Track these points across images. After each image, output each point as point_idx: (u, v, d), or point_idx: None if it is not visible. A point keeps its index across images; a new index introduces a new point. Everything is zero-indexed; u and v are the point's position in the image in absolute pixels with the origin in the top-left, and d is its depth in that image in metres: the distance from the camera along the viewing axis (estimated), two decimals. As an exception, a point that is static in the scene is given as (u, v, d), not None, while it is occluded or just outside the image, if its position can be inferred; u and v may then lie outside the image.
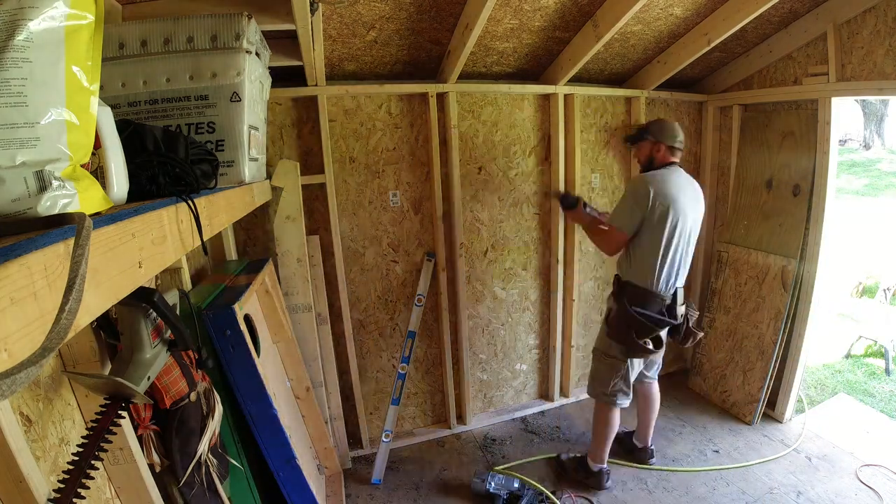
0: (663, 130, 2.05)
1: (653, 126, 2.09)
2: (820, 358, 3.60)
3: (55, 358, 0.92)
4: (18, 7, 0.47)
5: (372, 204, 2.40)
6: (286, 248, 2.13)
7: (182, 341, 1.03)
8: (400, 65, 2.27)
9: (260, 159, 1.52)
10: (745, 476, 2.28)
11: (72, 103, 0.54)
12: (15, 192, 0.49)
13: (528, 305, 2.86)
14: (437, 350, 2.70)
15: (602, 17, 2.02)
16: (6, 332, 0.35)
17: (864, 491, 2.12)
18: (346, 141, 2.29)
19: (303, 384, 2.06)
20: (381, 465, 2.38)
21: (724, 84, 2.92)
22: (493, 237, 2.67)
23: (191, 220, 0.83)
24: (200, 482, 1.19)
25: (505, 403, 2.96)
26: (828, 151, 2.38)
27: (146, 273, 0.63)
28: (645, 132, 2.10)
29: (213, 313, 1.42)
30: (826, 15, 2.28)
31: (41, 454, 0.82)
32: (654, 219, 1.93)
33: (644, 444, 2.43)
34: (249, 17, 1.23)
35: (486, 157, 2.56)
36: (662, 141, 2.04)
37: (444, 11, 1.88)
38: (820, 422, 2.67)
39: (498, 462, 2.48)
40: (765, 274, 2.67)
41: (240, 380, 1.46)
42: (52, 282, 0.42)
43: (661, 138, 2.05)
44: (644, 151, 2.12)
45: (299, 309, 2.18)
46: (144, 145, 0.87)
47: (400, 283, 2.54)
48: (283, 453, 1.54)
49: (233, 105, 1.24)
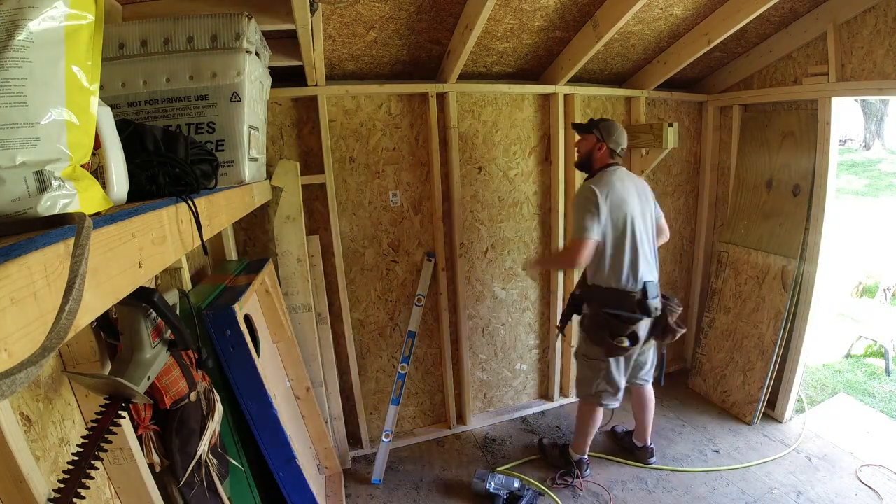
0: (610, 133, 2.08)
1: (602, 124, 2.10)
2: (820, 358, 3.59)
3: (55, 358, 0.92)
4: (18, 7, 0.47)
5: (372, 204, 2.40)
6: (286, 248, 2.13)
7: (182, 341, 1.03)
8: (400, 65, 2.27)
9: (260, 159, 1.52)
10: (745, 476, 2.28)
11: (72, 103, 0.54)
12: (15, 192, 0.49)
13: (528, 305, 2.86)
14: (437, 350, 2.70)
15: (602, 17, 2.02)
16: (6, 332, 0.35)
17: (864, 491, 2.12)
18: (346, 141, 2.29)
19: (303, 384, 2.06)
20: (381, 465, 2.38)
21: (724, 84, 2.92)
22: (493, 237, 2.67)
23: (191, 220, 0.83)
24: (200, 482, 1.19)
25: (505, 403, 2.96)
26: (828, 151, 2.38)
27: (146, 273, 0.63)
28: (593, 126, 2.11)
29: (213, 313, 1.42)
30: (826, 15, 2.28)
31: (41, 454, 0.82)
32: (608, 222, 2.00)
33: (644, 443, 2.43)
34: (249, 17, 1.23)
35: (486, 157, 2.56)
36: (606, 142, 2.08)
37: (444, 11, 1.88)
38: (820, 422, 2.67)
39: (498, 462, 2.48)
40: (765, 274, 2.67)
41: (240, 380, 1.46)
42: (52, 282, 0.42)
43: (607, 140, 2.08)
44: (587, 145, 2.13)
45: (299, 309, 2.18)
46: (144, 145, 0.86)
47: (400, 283, 2.54)
48: (283, 453, 1.54)
49: (233, 105, 1.24)
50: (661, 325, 2.11)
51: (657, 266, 2.15)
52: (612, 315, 2.03)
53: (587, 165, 2.15)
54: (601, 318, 2.05)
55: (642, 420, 2.40)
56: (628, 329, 2.01)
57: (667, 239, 2.31)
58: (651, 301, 2.03)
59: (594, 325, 2.10)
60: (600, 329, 2.06)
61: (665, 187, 3.06)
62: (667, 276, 3.22)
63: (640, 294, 2.03)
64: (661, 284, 2.94)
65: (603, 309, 2.05)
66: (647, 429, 2.41)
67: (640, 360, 2.24)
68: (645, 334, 2.09)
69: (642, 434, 2.43)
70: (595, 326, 2.09)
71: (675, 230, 3.18)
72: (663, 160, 2.88)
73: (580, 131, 2.18)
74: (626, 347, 2.01)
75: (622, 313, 2.02)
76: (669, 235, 2.33)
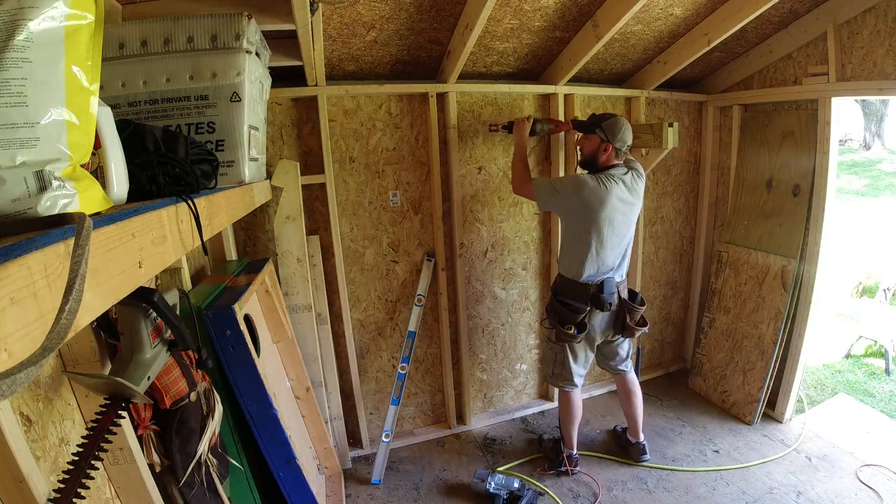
0: (615, 133, 2.03)
1: (606, 123, 2.04)
2: (820, 358, 3.59)
3: (55, 358, 0.92)
4: (18, 7, 0.47)
5: (372, 204, 2.40)
6: (286, 248, 2.13)
7: (182, 341, 1.03)
8: (400, 65, 2.27)
9: (260, 159, 1.52)
10: (745, 476, 2.28)
11: (72, 103, 0.54)
12: (15, 192, 0.49)
13: (528, 305, 2.86)
14: (437, 350, 2.70)
15: (602, 17, 2.02)
16: (6, 332, 0.35)
17: (864, 491, 2.12)
18: (346, 141, 2.29)
19: (303, 384, 2.06)
20: (380, 466, 2.38)
21: (724, 84, 2.92)
22: (493, 237, 2.67)
23: (191, 220, 0.83)
24: (200, 482, 1.19)
25: (505, 403, 2.96)
26: (828, 151, 2.38)
27: (146, 273, 0.63)
28: (597, 125, 2.06)
29: (213, 313, 1.42)
30: (826, 15, 2.28)
31: (41, 454, 0.82)
32: (580, 215, 2.06)
33: (636, 440, 2.43)
34: (249, 17, 1.23)
35: (486, 157, 2.56)
36: (612, 142, 2.04)
37: (444, 11, 1.88)
38: (820, 422, 2.67)
39: (498, 462, 2.48)
40: (765, 274, 2.67)
41: (240, 380, 1.46)
42: (52, 282, 0.42)
43: (612, 140, 2.03)
44: (591, 145, 2.09)
45: (299, 309, 2.18)
46: (144, 145, 0.87)
47: (400, 283, 2.54)
48: (283, 453, 1.54)
49: (233, 105, 1.24)
50: (620, 322, 2.17)
51: (626, 266, 2.20)
52: (562, 303, 2.15)
53: (592, 165, 2.12)
54: (556, 305, 2.17)
55: (630, 413, 2.42)
56: (577, 318, 2.10)
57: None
58: (605, 296, 2.09)
59: (551, 310, 2.22)
60: (554, 315, 2.18)
61: (665, 187, 3.06)
62: (667, 276, 3.22)
63: (596, 288, 2.10)
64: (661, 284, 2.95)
65: (557, 297, 2.19)
66: (638, 424, 2.41)
67: (610, 349, 2.32)
68: (602, 326, 2.18)
69: (634, 430, 2.44)
70: (551, 312, 2.21)
71: (676, 230, 3.19)
72: (663, 160, 2.87)
73: (582, 130, 2.15)
74: (572, 335, 2.11)
75: (571, 303, 2.13)
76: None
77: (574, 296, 2.13)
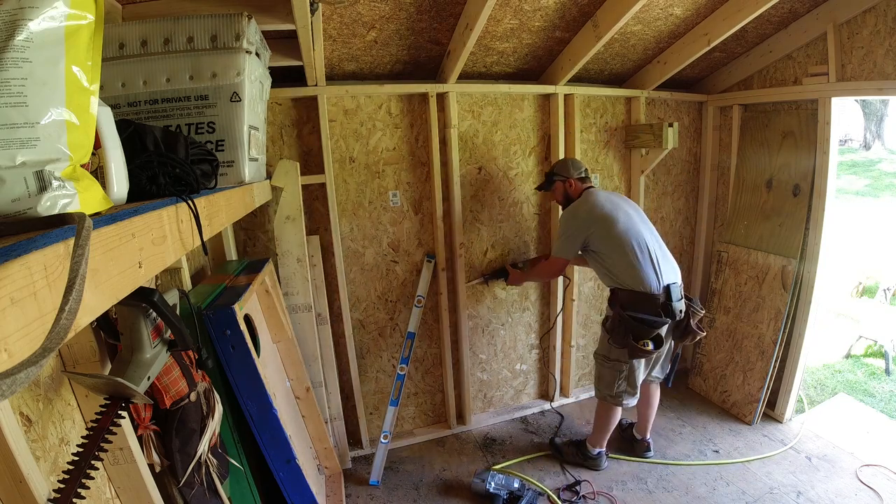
0: (566, 168, 2.26)
1: (556, 167, 2.29)
2: (820, 358, 3.59)
3: (55, 358, 0.92)
4: (18, 7, 0.47)
5: (372, 204, 2.40)
6: (286, 248, 2.13)
7: (182, 341, 1.03)
8: (400, 65, 2.27)
9: (260, 159, 1.52)
10: (745, 476, 2.28)
11: (72, 103, 0.54)
12: (15, 192, 0.49)
13: (528, 305, 2.86)
14: (438, 350, 2.70)
15: (602, 17, 2.02)
16: (6, 332, 0.35)
17: (864, 491, 2.12)
18: (346, 141, 2.29)
19: (303, 384, 2.06)
20: (379, 467, 2.38)
21: (724, 84, 2.92)
22: (493, 237, 2.67)
23: (191, 220, 0.83)
24: (200, 482, 1.19)
25: (505, 403, 2.96)
26: (828, 151, 2.38)
27: (146, 273, 0.63)
28: (552, 176, 2.29)
29: (213, 313, 1.42)
30: (826, 15, 2.28)
31: (41, 454, 0.82)
32: (603, 234, 2.06)
33: (643, 437, 2.47)
34: (249, 18, 1.23)
35: (486, 157, 2.56)
36: (570, 177, 2.23)
37: (444, 11, 1.88)
38: (820, 422, 2.67)
39: (498, 462, 2.48)
40: (765, 274, 2.67)
41: (240, 380, 1.46)
42: (52, 282, 0.42)
43: (568, 174, 2.24)
44: (559, 190, 2.29)
45: (299, 309, 2.18)
46: (144, 145, 0.86)
47: (400, 284, 2.54)
48: (283, 453, 1.54)
49: (233, 105, 1.24)
50: (683, 327, 2.11)
51: (677, 267, 2.15)
52: (635, 318, 1.99)
53: (569, 202, 2.26)
54: (625, 321, 2.01)
55: (645, 415, 2.43)
56: (652, 332, 2.00)
57: None
58: (675, 304, 2.03)
59: (617, 327, 2.05)
60: (624, 332, 2.02)
61: (665, 187, 3.06)
62: (667, 276, 3.21)
63: (664, 297, 2.02)
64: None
65: (626, 311, 2.02)
66: (649, 424, 2.45)
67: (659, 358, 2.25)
68: (668, 336, 2.10)
69: (643, 428, 2.46)
70: (618, 329, 2.05)
71: (676, 230, 3.19)
72: (663, 160, 2.88)
73: (546, 189, 2.34)
74: (650, 350, 1.99)
75: (646, 317, 1.99)
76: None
77: (645, 308, 2.00)
